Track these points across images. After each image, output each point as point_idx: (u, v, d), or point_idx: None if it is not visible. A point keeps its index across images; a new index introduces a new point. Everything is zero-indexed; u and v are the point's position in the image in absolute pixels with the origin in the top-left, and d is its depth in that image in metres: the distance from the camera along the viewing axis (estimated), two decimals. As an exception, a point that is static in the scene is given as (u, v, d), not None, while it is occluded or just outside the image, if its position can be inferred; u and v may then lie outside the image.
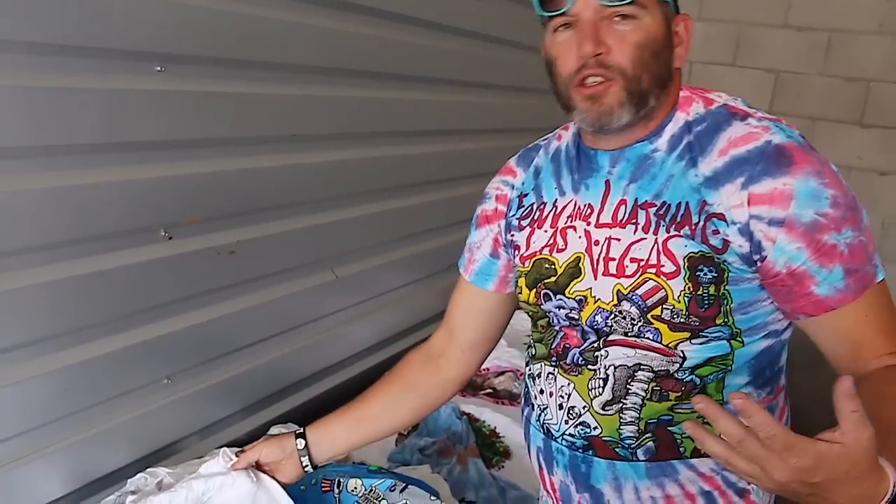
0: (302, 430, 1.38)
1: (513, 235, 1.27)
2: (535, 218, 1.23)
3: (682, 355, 1.06)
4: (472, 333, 1.39)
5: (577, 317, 1.14)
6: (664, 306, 1.05)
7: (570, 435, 1.15)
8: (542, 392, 1.20)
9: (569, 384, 1.15)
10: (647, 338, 1.07)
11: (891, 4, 3.42)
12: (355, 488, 1.54)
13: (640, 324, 1.07)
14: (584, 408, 1.13)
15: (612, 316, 1.09)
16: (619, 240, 1.10)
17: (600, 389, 1.11)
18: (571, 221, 1.17)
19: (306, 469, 1.37)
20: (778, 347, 1.12)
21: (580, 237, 1.15)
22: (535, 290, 1.20)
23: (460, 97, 2.55)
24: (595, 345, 1.12)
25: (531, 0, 1.08)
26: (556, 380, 1.17)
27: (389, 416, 1.41)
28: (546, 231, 1.20)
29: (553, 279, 1.17)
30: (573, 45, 1.06)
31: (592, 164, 1.16)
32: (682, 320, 1.04)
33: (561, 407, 1.16)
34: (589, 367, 1.13)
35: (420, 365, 1.43)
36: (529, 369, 1.26)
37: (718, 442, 0.80)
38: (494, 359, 2.54)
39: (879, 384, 0.94)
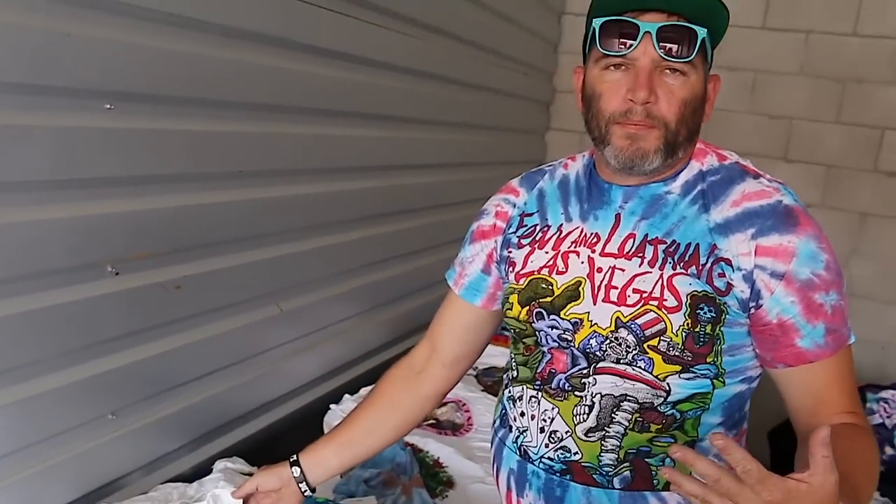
0: (295, 457, 1.41)
1: (510, 252, 1.30)
2: (537, 238, 1.27)
3: (667, 388, 1.11)
4: (456, 347, 1.43)
5: (570, 338, 1.17)
6: (662, 338, 1.10)
7: (549, 458, 1.19)
8: (522, 415, 1.23)
9: (553, 408, 1.19)
10: (640, 367, 1.12)
11: (808, 48, 3.61)
12: (303, 520, 1.55)
13: (635, 352, 1.12)
14: (566, 433, 1.17)
15: (608, 341, 1.14)
16: (623, 270, 1.16)
17: (585, 416, 1.16)
18: (575, 247, 1.21)
19: (305, 494, 1.40)
20: (747, 394, 1.20)
21: (583, 262, 1.19)
22: (527, 307, 1.22)
23: (399, 133, 2.61)
24: (584, 371, 1.16)
25: (481, 42, 1.14)
26: (539, 403, 1.20)
27: (374, 438, 1.45)
28: (547, 252, 1.24)
29: (549, 299, 1.20)
30: (622, 87, 1.11)
31: (604, 196, 1.22)
32: (676, 353, 1.10)
33: (542, 430, 1.19)
34: (576, 392, 1.16)
35: (402, 383, 1.46)
36: (509, 391, 1.28)
37: (695, 482, 0.87)
38: (437, 390, 2.58)
39: (835, 439, 1.03)
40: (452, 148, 3.07)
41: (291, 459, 1.42)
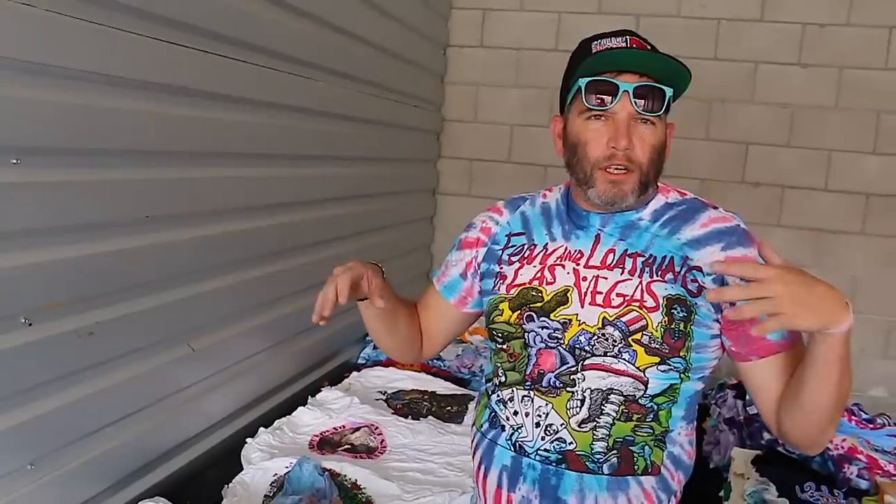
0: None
1: (501, 267, 1.47)
2: (525, 256, 1.45)
3: (646, 379, 1.30)
4: (426, 325, 1.63)
5: (560, 337, 1.34)
6: (644, 332, 1.30)
7: (546, 450, 1.33)
8: (516, 413, 1.37)
9: (547, 405, 1.34)
10: (624, 359, 1.30)
11: (759, 79, 3.89)
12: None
13: (621, 345, 1.30)
14: (561, 425, 1.33)
15: (596, 337, 1.32)
16: (606, 279, 1.36)
17: (577, 409, 1.32)
18: (561, 261, 1.40)
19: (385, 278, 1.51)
20: (701, 393, 1.41)
21: (569, 273, 1.38)
22: (518, 311, 1.39)
23: (297, 171, 2.69)
24: (572, 369, 1.33)
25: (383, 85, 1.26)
26: (532, 401, 1.35)
27: (394, 330, 1.58)
28: (535, 266, 1.42)
29: (539, 304, 1.38)
30: (604, 136, 1.33)
31: (583, 221, 1.42)
32: (656, 346, 1.30)
33: (538, 425, 1.34)
34: (567, 389, 1.33)
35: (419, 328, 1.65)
36: (498, 396, 1.41)
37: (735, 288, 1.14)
38: (349, 416, 2.66)
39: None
40: (349, 181, 3.17)
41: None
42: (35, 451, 1.66)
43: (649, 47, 1.35)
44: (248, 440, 2.40)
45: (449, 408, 2.87)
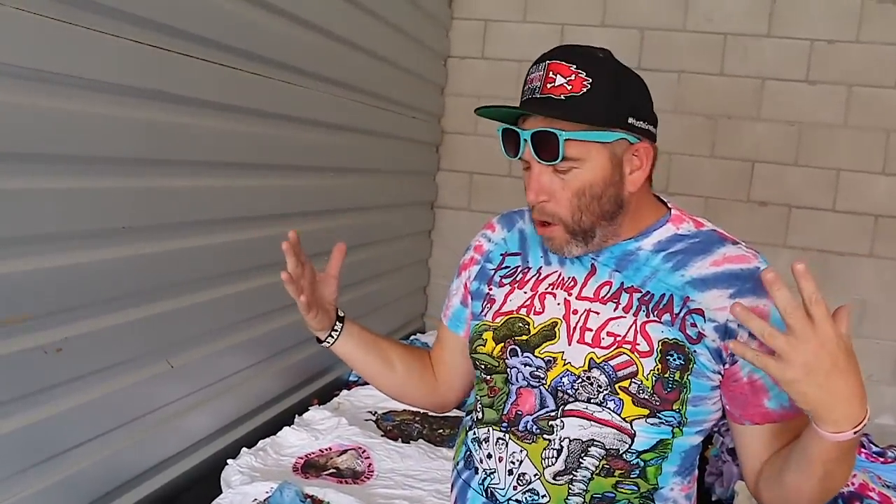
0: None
1: (490, 289, 1.35)
2: (517, 279, 1.33)
3: (633, 432, 1.16)
4: (445, 367, 1.50)
5: (542, 376, 1.21)
6: (633, 380, 1.16)
7: (517, 501, 1.21)
8: (489, 457, 1.26)
9: (521, 451, 1.22)
10: (609, 408, 1.16)
11: (766, 96, 3.80)
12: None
13: (606, 391, 1.17)
14: (535, 475, 1.20)
15: (580, 380, 1.18)
16: (598, 313, 1.22)
17: (553, 459, 1.19)
18: (553, 289, 1.27)
19: (339, 313, 1.42)
20: (700, 446, 1.26)
21: (559, 304, 1.25)
22: (502, 344, 1.27)
23: (290, 181, 2.61)
24: (551, 413, 1.20)
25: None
26: (507, 445, 1.23)
27: (389, 365, 1.48)
28: (526, 293, 1.30)
29: (525, 338, 1.25)
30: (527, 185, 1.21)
31: (585, 253, 1.27)
32: (645, 397, 1.15)
33: (511, 472, 1.22)
34: (544, 436, 1.20)
35: (429, 364, 1.54)
36: (475, 433, 1.31)
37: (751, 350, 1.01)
38: (336, 437, 2.56)
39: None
40: (344, 193, 3.08)
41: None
42: (-2, 472, 1.57)
43: (573, 67, 1.16)
44: (230, 461, 2.30)
45: (441, 430, 2.77)
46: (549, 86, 1.17)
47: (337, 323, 1.42)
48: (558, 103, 1.16)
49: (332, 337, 1.42)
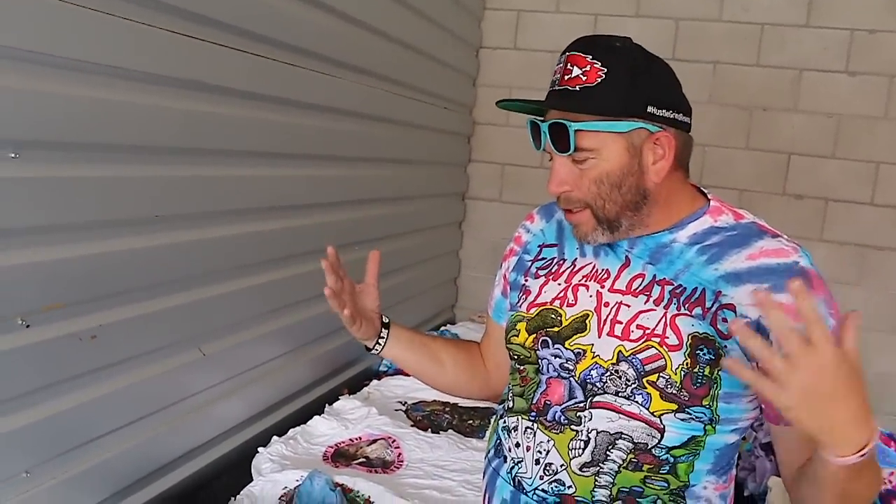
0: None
1: (526, 280, 1.36)
2: (553, 271, 1.33)
3: (662, 427, 1.14)
4: (495, 359, 1.51)
5: (571, 368, 1.21)
6: (661, 374, 1.14)
7: (543, 490, 1.20)
8: (517, 445, 1.25)
9: (548, 441, 1.21)
10: (637, 401, 1.15)
11: (804, 87, 3.75)
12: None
13: (633, 385, 1.15)
14: (561, 466, 1.19)
15: (608, 373, 1.17)
16: (629, 306, 1.21)
17: (580, 451, 1.18)
18: (586, 281, 1.27)
19: (385, 321, 1.45)
20: (738, 444, 1.22)
21: (591, 296, 1.25)
22: (534, 335, 1.27)
23: (321, 171, 2.62)
24: (580, 405, 1.19)
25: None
26: (535, 435, 1.23)
27: (438, 364, 1.50)
28: (560, 284, 1.30)
29: (556, 329, 1.25)
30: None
31: (612, 242, 1.26)
32: (673, 391, 1.13)
33: (538, 462, 1.22)
34: (572, 426, 1.19)
35: (479, 356, 1.56)
36: (504, 421, 1.31)
37: (748, 369, 0.96)
38: (366, 427, 2.57)
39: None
40: (376, 183, 3.09)
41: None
42: (31, 458, 1.59)
43: (589, 58, 1.16)
44: (260, 449, 2.31)
45: (471, 421, 2.77)
46: (566, 77, 1.18)
47: (383, 330, 1.44)
48: (572, 95, 1.16)
49: (380, 344, 1.44)
